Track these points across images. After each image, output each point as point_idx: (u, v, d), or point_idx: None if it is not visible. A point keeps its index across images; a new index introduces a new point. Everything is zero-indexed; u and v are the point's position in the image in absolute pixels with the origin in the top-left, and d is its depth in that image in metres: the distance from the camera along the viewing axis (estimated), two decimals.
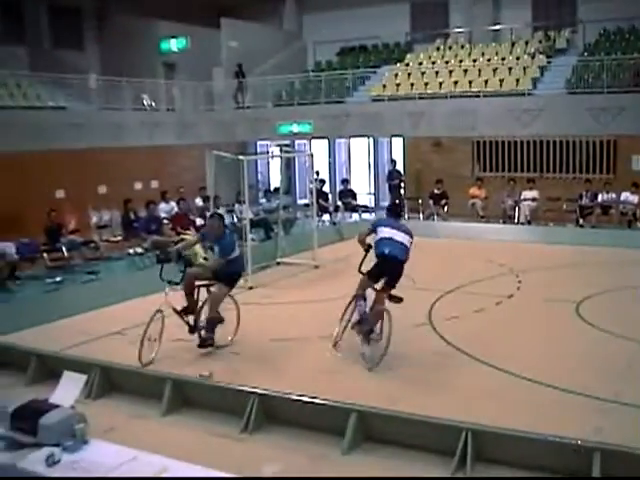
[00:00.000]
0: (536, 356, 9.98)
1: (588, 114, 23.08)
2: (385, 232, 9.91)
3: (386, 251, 9.72)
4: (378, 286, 9.91)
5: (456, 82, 26.23)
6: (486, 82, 25.72)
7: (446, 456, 6.68)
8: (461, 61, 27.80)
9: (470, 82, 25.99)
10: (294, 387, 8.19)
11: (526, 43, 28.09)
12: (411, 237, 9.95)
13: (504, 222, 22.57)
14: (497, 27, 29.63)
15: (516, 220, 22.51)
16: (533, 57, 26.69)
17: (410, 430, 7.12)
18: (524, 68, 25.95)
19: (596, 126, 22.98)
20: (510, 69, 26.16)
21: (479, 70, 26.53)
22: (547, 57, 26.62)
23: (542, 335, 11.09)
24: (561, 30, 28.26)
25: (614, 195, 21.51)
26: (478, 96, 25.23)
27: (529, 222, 22.09)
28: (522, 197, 22.52)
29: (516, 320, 12.12)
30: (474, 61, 27.51)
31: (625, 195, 21.29)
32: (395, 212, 10.78)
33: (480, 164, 25.15)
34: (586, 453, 6.19)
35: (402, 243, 9.84)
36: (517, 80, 25.37)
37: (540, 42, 27.71)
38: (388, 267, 9.80)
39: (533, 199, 22.44)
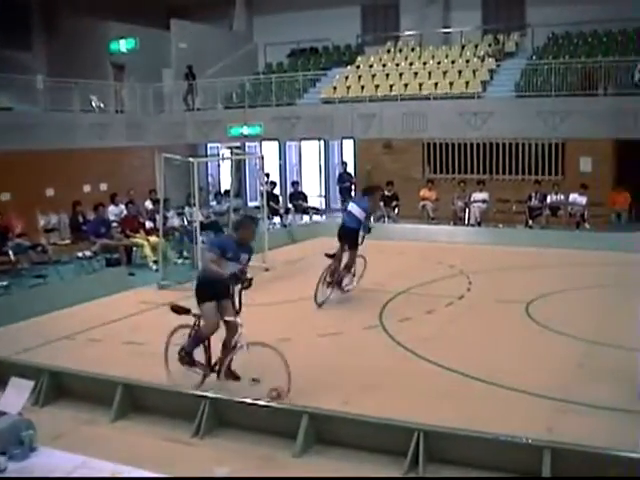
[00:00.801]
0: (487, 357, 9.98)
1: (537, 117, 23.38)
2: (349, 207, 13.43)
3: (342, 221, 13.43)
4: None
5: (406, 84, 26.37)
6: (436, 85, 25.91)
7: (399, 457, 6.65)
8: (411, 63, 27.97)
9: (420, 84, 26.15)
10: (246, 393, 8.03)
11: (476, 46, 28.35)
12: (364, 211, 12.99)
13: (454, 224, 22.69)
14: (447, 30, 29.84)
15: (466, 222, 22.67)
16: (483, 60, 26.93)
17: (362, 431, 7.08)
18: (474, 71, 26.18)
19: (545, 129, 23.29)
20: (460, 72, 26.36)
21: (429, 73, 26.71)
22: (496, 60, 26.91)
23: (493, 336, 11.11)
24: (510, 34, 28.59)
25: (563, 196, 21.76)
26: (428, 98, 25.41)
27: (479, 224, 22.22)
28: (472, 199, 22.66)
29: (467, 321, 12.15)
30: (424, 64, 27.67)
31: (573, 196, 21.55)
32: (364, 191, 14.35)
33: (431, 166, 25.26)
34: (537, 451, 6.23)
35: (353, 214, 13.03)
36: (467, 83, 25.59)
37: (490, 45, 27.97)
38: (343, 232, 13.17)
39: (483, 201, 22.60)
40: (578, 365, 9.59)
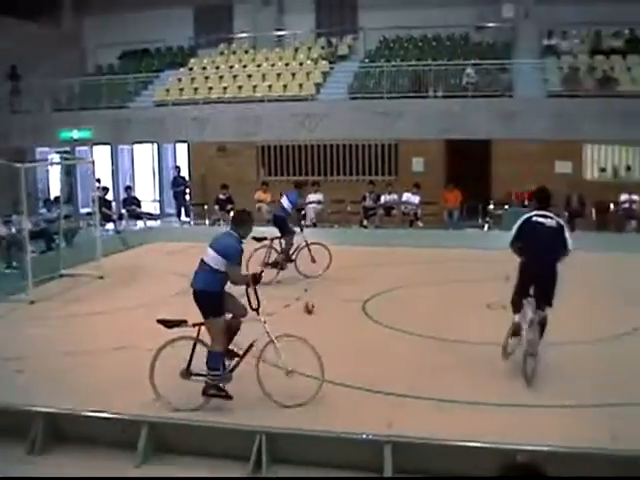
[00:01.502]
0: (326, 356, 9.69)
1: (370, 119, 23.62)
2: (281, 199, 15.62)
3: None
4: None
5: (240, 87, 26.06)
6: (270, 87, 25.72)
7: (243, 460, 6.66)
8: (245, 66, 27.67)
9: (254, 87, 25.90)
10: (87, 403, 7.78)
11: (309, 49, 28.36)
12: (291, 203, 15.11)
13: None
14: (281, 32, 29.67)
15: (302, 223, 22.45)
16: (316, 63, 26.95)
17: (205, 438, 7.03)
18: (307, 73, 26.20)
19: (378, 130, 23.57)
20: (294, 74, 26.32)
21: (263, 75, 26.52)
22: (330, 63, 27.01)
23: (331, 335, 10.91)
24: (343, 37, 28.77)
25: (396, 196, 22.09)
26: (262, 101, 25.19)
27: (314, 224, 22.18)
28: (307, 200, 22.51)
29: (305, 322, 11.96)
30: (258, 66, 27.44)
31: (407, 196, 21.91)
32: (295, 184, 16.53)
33: (265, 168, 25.11)
34: (378, 447, 6.38)
35: (282, 205, 15.42)
36: (300, 85, 25.55)
37: (323, 48, 28.07)
38: (274, 221, 15.54)
39: (318, 202, 22.62)
40: (416, 360, 9.64)
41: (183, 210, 25.73)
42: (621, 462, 6.31)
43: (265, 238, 14.17)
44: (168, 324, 7.96)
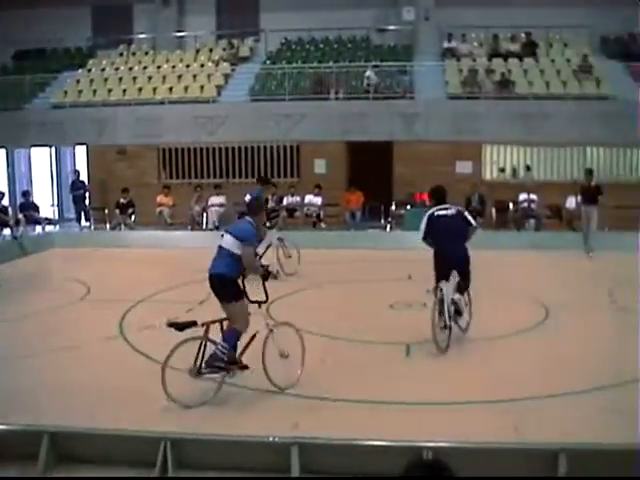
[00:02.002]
0: None
1: (271, 120, 23.59)
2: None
3: None
4: None
5: (140, 89, 25.60)
6: (171, 89, 25.35)
7: (149, 467, 6.46)
8: (145, 67, 27.17)
9: (155, 89, 25.48)
10: None
11: (210, 51, 28.10)
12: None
13: (192, 229, 22.37)
14: (181, 34, 29.27)
15: (204, 226, 22.39)
16: (217, 65, 26.72)
17: (108, 445, 6.79)
18: (208, 75, 25.94)
19: (279, 132, 23.55)
20: (195, 76, 26.03)
21: (164, 77, 26.13)
22: (231, 65, 26.81)
23: None
24: (244, 38, 28.57)
25: (299, 198, 22.04)
26: (163, 103, 24.79)
27: (217, 227, 21.95)
28: (210, 203, 22.42)
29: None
30: (158, 67, 27.02)
31: (309, 198, 21.93)
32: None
33: (167, 171, 24.79)
34: (285, 449, 6.33)
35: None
36: (202, 87, 25.27)
37: (224, 50, 27.82)
38: None
39: (220, 205, 22.38)
40: (320, 360, 9.56)
41: (83, 215, 25.09)
42: (524, 455, 6.38)
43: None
44: (179, 327, 8.03)
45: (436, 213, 10.53)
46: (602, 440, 6.54)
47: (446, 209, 10.56)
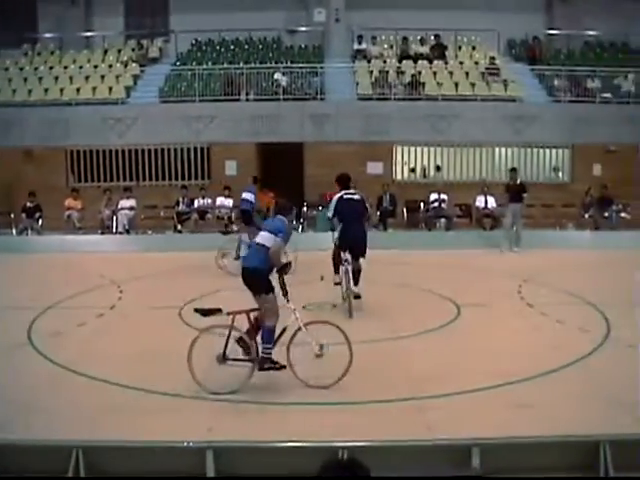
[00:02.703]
0: (143, 365, 9.62)
1: (182, 122, 23.45)
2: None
3: None
4: None
5: (47, 89, 25.00)
6: (78, 90, 24.84)
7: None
8: (52, 67, 26.54)
9: (62, 90, 24.92)
10: None
11: (119, 51, 27.66)
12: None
13: (102, 232, 21.96)
14: (89, 34, 28.68)
15: (114, 230, 21.97)
16: (126, 66, 26.32)
17: (20, 456, 6.53)
18: (117, 76, 25.55)
19: (190, 134, 23.42)
20: (103, 77, 25.58)
21: (71, 77, 25.58)
22: (140, 66, 26.43)
23: (147, 343, 10.71)
24: (154, 39, 28.20)
25: (210, 200, 21.85)
26: (71, 104, 24.27)
27: (128, 231, 21.68)
28: (119, 206, 22.01)
29: (120, 331, 11.71)
30: (65, 68, 26.43)
31: (220, 200, 21.75)
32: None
33: (75, 174, 24.25)
34: (199, 453, 6.30)
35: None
36: (110, 88, 24.84)
37: (133, 50, 27.42)
38: None
39: (130, 208, 22.03)
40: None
41: None
42: (438, 451, 6.48)
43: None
44: (204, 312, 8.52)
45: (345, 196, 12.57)
46: (512, 434, 6.66)
47: (353, 194, 12.66)
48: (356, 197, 12.62)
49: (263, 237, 8.80)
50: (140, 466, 6.42)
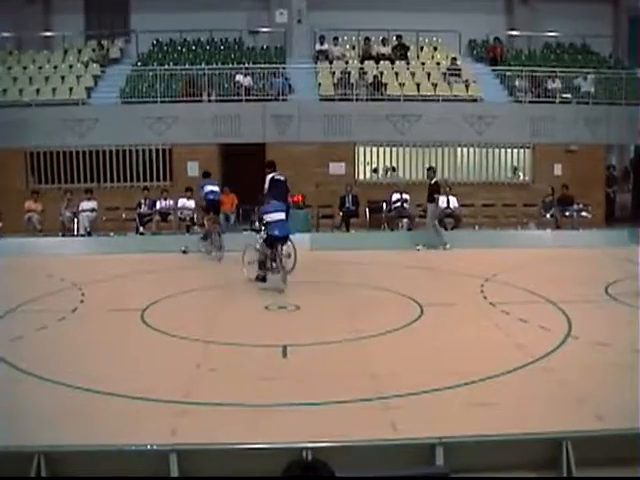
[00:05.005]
0: (106, 367, 9.55)
1: (143, 123, 23.29)
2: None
3: None
4: None
5: (5, 90, 24.64)
6: (38, 91, 24.53)
7: None
8: (10, 68, 26.14)
9: (21, 90, 24.58)
10: None
11: (79, 51, 27.33)
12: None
13: (63, 235, 21.68)
14: (48, 34, 28.31)
15: (76, 232, 21.70)
16: (87, 66, 26.03)
17: None
18: (78, 77, 25.24)
19: (151, 135, 23.29)
20: (63, 77, 25.27)
21: (30, 78, 25.21)
22: (101, 66, 26.13)
23: (109, 346, 10.69)
24: (115, 39, 27.92)
25: (172, 202, 21.69)
26: (30, 105, 23.93)
27: (89, 233, 21.44)
28: (80, 208, 21.73)
29: (82, 334, 11.55)
30: (24, 68, 26.04)
31: (182, 201, 21.60)
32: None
33: (35, 176, 23.91)
34: (163, 456, 6.25)
35: None
36: (71, 89, 24.56)
37: (93, 50, 27.08)
38: None
39: (92, 210, 21.78)
40: (196, 365, 9.57)
41: None
42: (402, 450, 6.49)
43: None
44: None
45: (276, 177, 16.25)
46: (475, 432, 6.69)
47: (280, 175, 16.37)
48: (283, 178, 16.33)
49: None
50: (103, 470, 6.36)
